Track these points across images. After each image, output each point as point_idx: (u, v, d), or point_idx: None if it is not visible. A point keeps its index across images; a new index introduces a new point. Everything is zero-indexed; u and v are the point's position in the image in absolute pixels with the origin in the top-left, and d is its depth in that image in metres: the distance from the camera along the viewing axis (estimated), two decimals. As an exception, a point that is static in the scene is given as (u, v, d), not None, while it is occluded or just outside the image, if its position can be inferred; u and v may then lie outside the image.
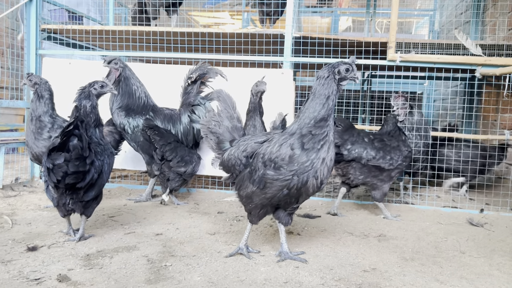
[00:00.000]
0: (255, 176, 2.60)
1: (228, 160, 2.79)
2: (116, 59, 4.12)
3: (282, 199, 2.59)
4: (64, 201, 2.85)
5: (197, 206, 4.26)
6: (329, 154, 2.52)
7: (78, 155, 2.66)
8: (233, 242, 3.08)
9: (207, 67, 4.23)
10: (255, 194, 2.64)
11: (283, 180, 2.50)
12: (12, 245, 2.87)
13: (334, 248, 3.04)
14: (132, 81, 4.17)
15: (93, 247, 2.89)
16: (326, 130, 2.50)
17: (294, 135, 2.52)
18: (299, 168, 2.46)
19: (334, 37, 4.54)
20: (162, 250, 2.86)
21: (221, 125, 2.90)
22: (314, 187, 2.52)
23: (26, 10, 4.87)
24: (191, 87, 4.34)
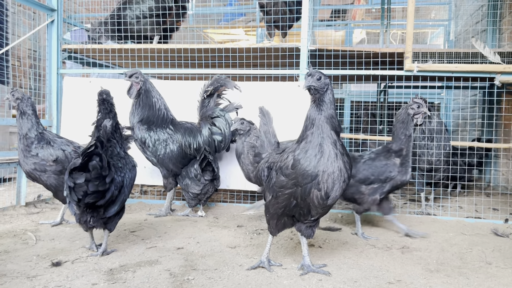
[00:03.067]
0: (270, 185, 2.65)
1: (258, 172, 2.87)
2: (137, 73, 4.19)
3: (294, 210, 2.58)
4: (86, 218, 2.89)
5: (217, 220, 4.26)
6: (331, 166, 2.41)
7: (97, 175, 2.71)
8: (254, 256, 3.07)
9: (223, 79, 4.28)
10: (271, 204, 2.66)
11: (289, 188, 2.50)
12: (37, 260, 2.91)
13: (357, 261, 3.00)
14: (152, 93, 4.23)
15: (116, 261, 2.91)
16: (319, 141, 2.44)
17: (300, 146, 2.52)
18: (299, 177, 2.44)
19: (350, 48, 4.56)
20: (184, 264, 2.87)
21: (258, 139, 3.00)
22: (318, 199, 2.46)
23: (48, 31, 5.01)
24: (208, 100, 4.39)
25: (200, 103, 4.41)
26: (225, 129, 4.31)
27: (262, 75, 4.74)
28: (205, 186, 4.34)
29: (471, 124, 6.96)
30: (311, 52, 4.60)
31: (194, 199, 4.41)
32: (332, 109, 2.46)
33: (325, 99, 2.45)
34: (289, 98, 4.53)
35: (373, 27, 11.10)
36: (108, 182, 2.79)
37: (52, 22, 4.99)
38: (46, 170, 3.69)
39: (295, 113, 4.47)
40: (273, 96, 4.57)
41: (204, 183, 4.32)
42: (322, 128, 2.43)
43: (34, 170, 3.68)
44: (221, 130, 4.31)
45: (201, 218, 4.35)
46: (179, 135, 4.32)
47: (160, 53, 4.95)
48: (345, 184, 2.47)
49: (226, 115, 4.32)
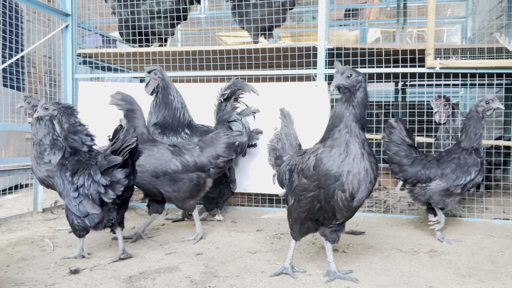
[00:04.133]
0: (292, 188, 2.56)
1: (279, 175, 2.77)
2: (157, 69, 4.12)
3: (318, 214, 2.47)
4: (111, 216, 2.91)
5: (235, 224, 4.17)
6: (357, 166, 2.30)
7: (132, 170, 2.83)
8: (276, 261, 2.97)
9: (241, 82, 4.18)
10: (293, 208, 2.56)
11: (311, 191, 2.40)
12: (55, 268, 2.85)
13: (384, 266, 2.88)
14: (170, 91, 4.13)
15: (135, 268, 2.83)
16: (345, 139, 2.33)
17: (323, 144, 2.42)
18: (321, 178, 2.33)
19: (369, 46, 4.43)
20: (205, 271, 2.78)
21: (279, 141, 2.91)
22: (343, 200, 2.34)
23: (62, 36, 5.00)
24: (225, 104, 4.28)
25: (217, 106, 4.31)
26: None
27: (278, 76, 4.65)
28: (221, 189, 4.26)
29: (493, 122, 6.75)
30: (329, 51, 4.49)
31: (211, 203, 4.32)
32: (362, 108, 2.34)
33: (357, 97, 2.33)
34: (306, 99, 4.42)
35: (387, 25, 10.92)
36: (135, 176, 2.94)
37: (67, 27, 4.96)
38: None
39: (312, 114, 4.36)
40: (289, 97, 4.46)
41: (219, 186, 4.24)
42: (350, 127, 2.32)
43: (47, 177, 3.63)
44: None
45: (219, 222, 4.27)
46: (195, 138, 4.24)
47: (175, 56, 4.89)
48: (371, 185, 2.35)
49: (243, 119, 4.20)
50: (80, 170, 2.88)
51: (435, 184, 3.45)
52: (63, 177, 2.92)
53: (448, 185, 3.44)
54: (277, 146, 2.95)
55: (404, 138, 3.56)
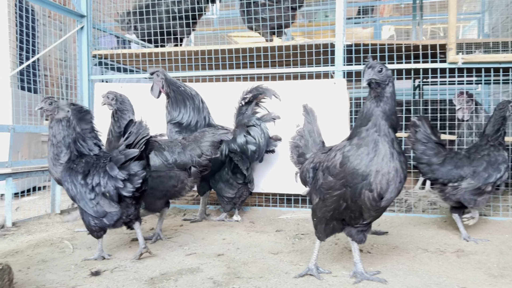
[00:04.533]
0: (317, 186, 2.48)
1: (302, 173, 2.71)
2: (158, 71, 4.08)
3: (345, 213, 2.39)
4: (129, 211, 2.89)
5: (253, 225, 4.11)
6: (386, 166, 2.22)
7: (147, 162, 2.84)
8: (300, 262, 2.90)
9: (263, 87, 4.10)
10: (318, 207, 2.48)
11: (338, 190, 2.32)
12: (75, 270, 2.82)
13: (411, 266, 2.79)
14: (174, 86, 4.09)
15: (156, 269, 2.79)
16: (373, 138, 2.25)
17: (350, 141, 2.34)
18: (348, 176, 2.25)
19: (388, 42, 4.34)
20: (227, 272, 2.72)
21: (302, 139, 2.85)
22: (370, 200, 2.26)
23: (78, 37, 4.99)
24: (246, 108, 4.21)
25: (237, 110, 4.25)
26: (260, 139, 4.10)
27: (295, 74, 4.57)
28: (239, 189, 4.21)
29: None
30: (347, 48, 4.41)
31: (229, 203, 4.27)
32: (392, 104, 2.26)
33: (386, 93, 2.26)
34: (324, 97, 4.34)
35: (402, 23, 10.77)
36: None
37: (82, 29, 4.96)
38: None
39: (331, 112, 4.28)
40: (306, 95, 4.38)
41: (237, 186, 4.19)
42: (379, 125, 2.24)
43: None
44: (255, 139, 4.10)
45: (237, 223, 4.21)
46: None
47: (190, 55, 4.86)
48: (401, 185, 2.27)
49: (262, 124, 4.12)
50: (92, 170, 2.85)
51: (466, 183, 3.33)
52: (74, 181, 2.88)
53: (480, 184, 3.32)
54: (300, 144, 2.88)
55: (430, 136, 3.45)
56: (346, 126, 4.27)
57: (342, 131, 4.19)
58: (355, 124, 2.37)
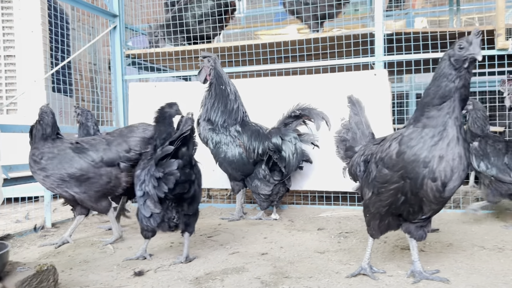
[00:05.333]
0: (369, 180, 2.32)
1: (351, 167, 2.56)
2: (210, 56, 3.96)
3: (402, 208, 2.22)
4: (170, 215, 2.74)
5: (293, 223, 3.98)
6: (451, 151, 2.03)
7: (187, 162, 2.63)
8: (349, 261, 2.74)
9: (314, 111, 3.95)
10: (371, 202, 2.32)
11: (395, 183, 2.14)
12: (118, 270, 2.76)
13: (471, 265, 2.59)
14: (221, 80, 3.97)
15: (200, 269, 2.69)
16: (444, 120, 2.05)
17: (408, 129, 2.17)
18: (408, 166, 2.07)
19: (432, 30, 4.13)
20: (274, 271, 2.60)
21: (349, 132, 2.69)
22: (433, 191, 2.07)
23: (111, 38, 4.99)
24: (291, 121, 4.09)
25: (283, 117, 4.12)
26: (291, 157, 3.95)
27: (333, 66, 4.42)
28: (275, 186, 4.08)
29: None
30: (387, 37, 4.22)
31: (266, 201, 4.15)
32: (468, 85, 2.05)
33: (469, 69, 2.04)
34: (364, 89, 4.16)
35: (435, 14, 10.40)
36: (194, 173, 2.71)
37: (115, 28, 4.95)
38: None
39: (371, 105, 4.07)
40: (345, 87, 4.22)
41: (273, 183, 4.06)
42: (453, 107, 2.04)
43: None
44: (285, 154, 3.96)
45: (275, 221, 4.09)
46: (245, 137, 4.07)
47: (224, 52, 4.77)
48: (464, 174, 2.08)
49: (298, 144, 3.97)
50: (142, 167, 2.78)
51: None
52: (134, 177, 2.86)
53: None
54: (347, 137, 2.73)
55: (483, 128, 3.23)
56: (388, 120, 4.09)
57: (384, 125, 4.01)
58: (420, 104, 2.16)
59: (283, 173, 4.03)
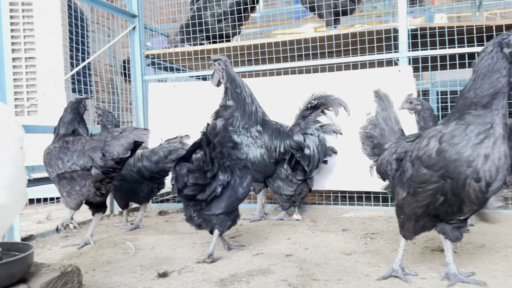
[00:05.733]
0: (404, 179, 2.22)
1: (380, 166, 2.45)
2: (221, 59, 3.90)
3: (440, 208, 2.12)
4: (189, 213, 2.85)
5: (315, 224, 3.89)
6: (497, 150, 1.94)
7: (199, 167, 2.65)
8: (379, 264, 2.65)
9: (332, 99, 3.84)
10: (406, 202, 2.22)
11: (434, 183, 2.04)
12: (141, 271, 2.72)
13: (508, 267, 2.48)
14: (235, 83, 3.90)
15: (224, 270, 2.64)
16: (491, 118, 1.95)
17: (448, 126, 2.06)
18: (450, 165, 1.97)
19: (458, 24, 4.00)
20: (301, 273, 2.52)
21: (377, 128, 2.59)
22: (476, 191, 1.98)
23: (130, 38, 4.98)
24: (310, 112, 3.99)
25: (300, 111, 4.03)
26: (314, 150, 3.86)
27: (355, 63, 4.32)
28: (298, 186, 4.00)
29: None
30: (411, 32, 4.11)
31: (288, 201, 4.08)
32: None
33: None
34: (387, 86, 4.02)
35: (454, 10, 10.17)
36: (209, 177, 2.71)
37: (134, 29, 4.94)
38: None
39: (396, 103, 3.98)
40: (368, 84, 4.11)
41: (296, 183, 3.99)
42: (503, 104, 1.94)
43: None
44: (310, 149, 3.88)
45: (297, 222, 4.01)
46: (265, 136, 4.00)
47: (243, 50, 4.71)
48: (507, 172, 1.97)
49: (321, 135, 3.88)
50: None
51: None
52: None
53: None
54: (374, 133, 2.64)
55: None
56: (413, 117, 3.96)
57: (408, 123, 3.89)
58: (463, 101, 2.04)
59: (306, 171, 3.95)
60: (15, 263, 1.97)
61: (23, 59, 5.60)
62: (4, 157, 1.98)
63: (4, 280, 1.91)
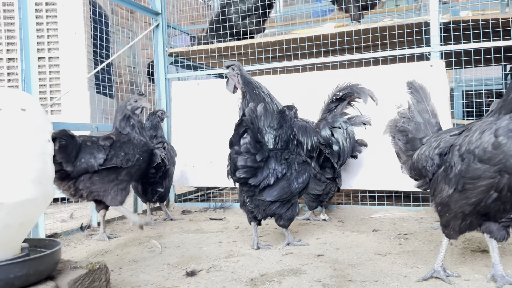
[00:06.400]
0: (451, 175, 2.07)
1: (418, 161, 2.30)
2: (234, 64, 3.79)
3: (492, 206, 1.98)
4: (243, 199, 2.93)
5: (343, 224, 3.77)
6: None
7: (246, 150, 2.76)
8: (417, 264, 2.52)
9: (358, 87, 3.71)
10: (452, 200, 2.08)
11: (488, 179, 1.90)
12: (168, 270, 2.64)
13: (559, 269, 2.32)
14: (252, 86, 3.80)
15: (254, 270, 2.54)
16: None
17: (502, 119, 1.92)
18: (508, 161, 1.83)
19: (493, 16, 3.83)
20: (335, 274, 2.41)
21: (411, 121, 2.45)
22: None
23: (153, 36, 4.95)
24: (335, 105, 3.86)
25: (326, 105, 3.89)
26: (344, 143, 3.73)
27: (384, 58, 4.18)
28: (326, 185, 3.87)
29: None
30: (444, 26, 3.96)
31: (315, 201, 3.96)
32: None
33: None
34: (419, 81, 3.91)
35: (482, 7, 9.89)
36: (259, 160, 2.79)
37: (157, 26, 4.91)
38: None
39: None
40: (398, 80, 3.97)
41: (325, 182, 3.86)
42: None
43: None
44: (339, 143, 3.74)
45: (325, 222, 3.90)
46: None
47: (268, 47, 4.62)
48: None
49: (349, 128, 3.75)
50: None
51: None
52: None
53: None
54: (408, 127, 2.49)
55: None
56: (446, 114, 3.81)
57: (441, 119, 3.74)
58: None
59: (335, 169, 3.82)
60: (43, 260, 1.91)
61: (47, 59, 5.63)
62: (32, 150, 1.93)
63: (32, 277, 1.85)
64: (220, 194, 5.55)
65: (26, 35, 3.39)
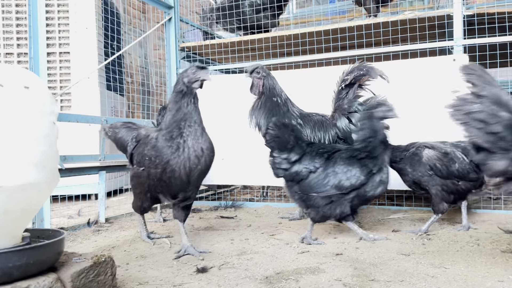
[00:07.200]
0: None
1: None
2: (258, 67, 3.64)
3: None
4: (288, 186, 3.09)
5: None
6: None
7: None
8: (443, 265, 2.35)
9: (366, 66, 3.50)
10: None
11: None
12: (178, 266, 2.50)
13: None
14: (274, 91, 3.60)
15: (269, 268, 2.39)
16: None
17: None
18: None
19: (522, 8, 3.65)
20: (356, 273, 2.24)
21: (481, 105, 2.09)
22: None
23: (166, 30, 4.84)
24: (346, 91, 3.64)
25: (336, 94, 3.69)
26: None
27: (405, 52, 4.02)
28: None
29: None
30: (467, 19, 3.79)
31: None
32: None
33: None
34: (441, 76, 3.74)
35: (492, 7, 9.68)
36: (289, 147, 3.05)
37: (170, 20, 4.80)
38: None
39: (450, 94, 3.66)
40: (418, 75, 3.82)
41: None
42: None
43: None
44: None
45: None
46: (308, 129, 3.73)
47: (282, 41, 4.47)
48: None
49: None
50: None
51: None
52: None
53: None
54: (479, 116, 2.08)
55: None
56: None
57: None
58: None
59: None
60: (44, 249, 1.78)
61: (58, 54, 5.56)
62: (37, 132, 1.80)
63: (32, 267, 1.72)
64: (231, 193, 5.40)
65: (36, 21, 3.29)
